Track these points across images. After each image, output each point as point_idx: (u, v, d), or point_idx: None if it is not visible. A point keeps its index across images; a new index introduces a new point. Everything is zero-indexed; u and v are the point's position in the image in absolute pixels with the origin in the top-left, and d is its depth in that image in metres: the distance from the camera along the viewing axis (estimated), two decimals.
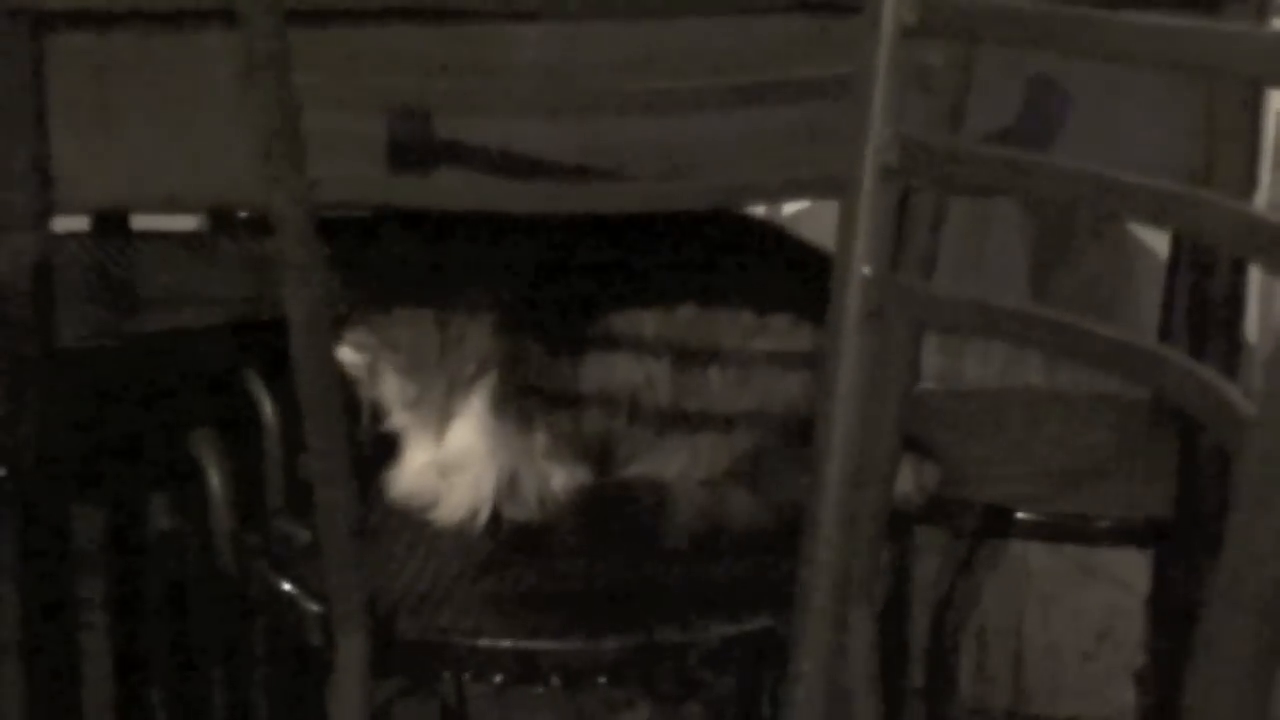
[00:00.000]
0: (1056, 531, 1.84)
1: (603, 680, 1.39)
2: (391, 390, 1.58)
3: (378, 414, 1.60)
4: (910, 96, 1.12)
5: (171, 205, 1.70)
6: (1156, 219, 0.90)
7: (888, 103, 1.06)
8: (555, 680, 1.38)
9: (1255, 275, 2.17)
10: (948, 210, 1.27)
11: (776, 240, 1.66)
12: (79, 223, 2.25)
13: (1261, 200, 2.21)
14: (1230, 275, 1.56)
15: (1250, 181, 1.57)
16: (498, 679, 1.39)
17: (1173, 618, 1.95)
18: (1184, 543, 1.70)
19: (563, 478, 1.58)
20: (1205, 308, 1.58)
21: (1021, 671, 2.78)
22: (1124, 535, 1.85)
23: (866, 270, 1.07)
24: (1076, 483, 1.92)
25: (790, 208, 2.58)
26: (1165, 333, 2.16)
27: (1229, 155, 1.54)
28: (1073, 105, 1.58)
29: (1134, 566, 2.49)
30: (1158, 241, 2.47)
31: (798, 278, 1.57)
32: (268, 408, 1.76)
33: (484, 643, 1.39)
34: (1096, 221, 2.63)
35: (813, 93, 1.22)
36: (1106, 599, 2.68)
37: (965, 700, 2.66)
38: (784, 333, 1.56)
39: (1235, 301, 1.57)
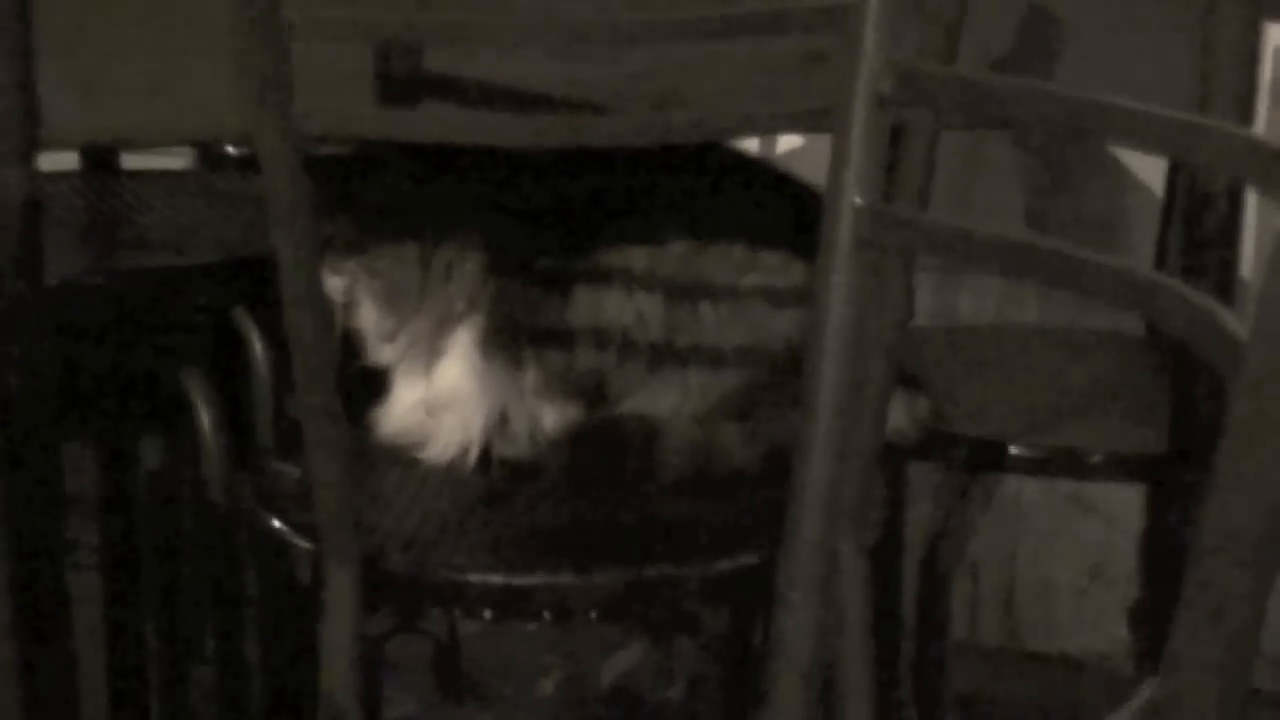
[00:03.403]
0: (1050, 466, 1.84)
1: (594, 616, 1.38)
2: (368, 321, 1.57)
3: (354, 345, 1.59)
4: (905, 27, 1.10)
5: (158, 139, 1.69)
6: (1153, 145, 0.89)
7: (881, 30, 1.05)
8: (546, 615, 1.38)
9: (1251, 215, 2.16)
10: (939, 145, 1.26)
11: (768, 176, 1.65)
12: (69, 161, 2.24)
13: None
14: (1226, 210, 1.55)
15: (1247, 116, 1.56)
16: (488, 614, 1.38)
17: (1166, 554, 1.95)
18: (1177, 478, 1.70)
19: (553, 415, 1.57)
20: (1201, 243, 1.57)
21: (1014, 608, 2.78)
22: (1118, 470, 1.84)
23: (858, 199, 1.06)
24: (1070, 418, 1.92)
25: (783, 146, 2.56)
26: (1160, 270, 2.15)
27: (1225, 89, 1.53)
28: (1068, 38, 1.57)
29: (1127, 503, 2.49)
30: (1153, 180, 2.46)
31: (789, 214, 1.57)
32: (257, 346, 1.75)
33: (474, 578, 1.38)
34: (1091, 160, 2.62)
35: (806, 23, 1.21)
36: (1099, 536, 2.68)
37: (957, 637, 2.66)
38: (776, 269, 1.56)
39: (1231, 237, 1.57)
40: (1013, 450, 1.82)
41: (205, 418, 1.74)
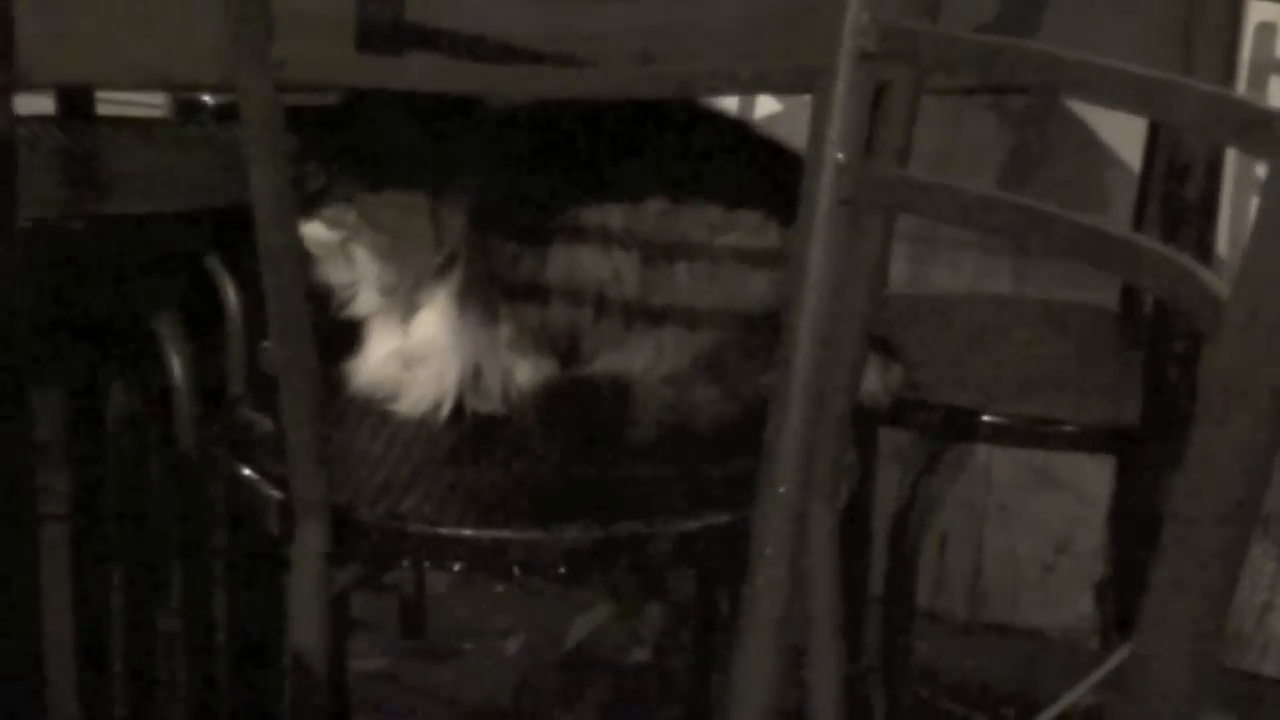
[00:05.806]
0: (1021, 435, 1.84)
1: (563, 571, 1.38)
2: (366, 273, 1.56)
3: (337, 298, 1.58)
4: None
5: (136, 82, 1.68)
6: (1135, 105, 0.89)
7: None
8: (515, 570, 1.38)
9: (1228, 193, 2.16)
10: (919, 107, 1.25)
11: (747, 137, 1.65)
12: (45, 105, 2.23)
13: None
14: (1205, 180, 1.55)
15: (1227, 86, 1.56)
16: (456, 568, 1.38)
17: (1133, 529, 1.96)
18: (1148, 451, 1.70)
19: (527, 371, 1.57)
20: (1178, 216, 1.57)
21: (980, 580, 2.79)
22: (1089, 441, 1.85)
23: (840, 156, 1.06)
24: (1043, 389, 1.92)
25: (762, 110, 2.56)
26: None
27: (1207, 61, 1.53)
28: (1049, 12, 1.56)
29: (1096, 478, 2.50)
30: (1131, 154, 2.46)
31: (768, 175, 1.56)
32: (231, 294, 1.74)
33: (444, 531, 1.38)
34: (1069, 134, 2.62)
35: None
36: (1067, 510, 2.69)
37: (923, 607, 2.67)
38: (752, 229, 1.55)
39: (1209, 208, 1.57)
40: (984, 418, 1.82)
41: (177, 365, 1.74)
